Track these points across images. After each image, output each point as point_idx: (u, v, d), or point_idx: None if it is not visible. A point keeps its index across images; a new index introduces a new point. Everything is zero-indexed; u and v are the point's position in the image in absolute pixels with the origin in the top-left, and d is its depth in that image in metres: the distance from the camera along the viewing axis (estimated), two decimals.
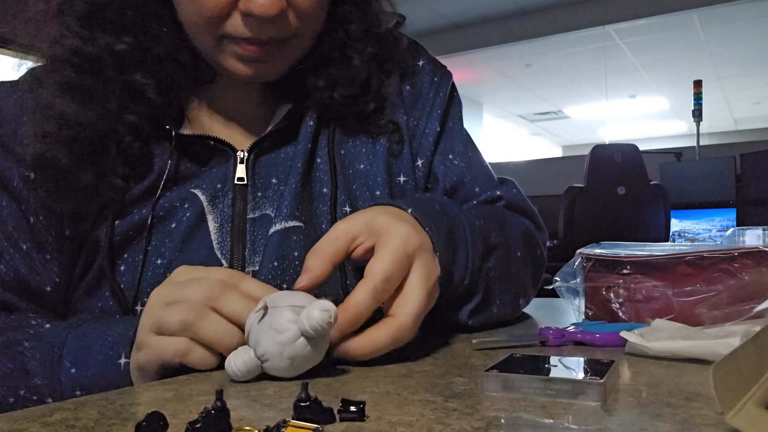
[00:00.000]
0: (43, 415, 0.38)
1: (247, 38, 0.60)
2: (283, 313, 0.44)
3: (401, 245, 0.50)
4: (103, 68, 0.62)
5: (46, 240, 0.63)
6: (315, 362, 0.45)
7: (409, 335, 0.49)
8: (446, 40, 6.79)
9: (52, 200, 0.61)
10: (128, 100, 0.63)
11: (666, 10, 5.95)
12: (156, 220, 0.63)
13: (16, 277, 0.61)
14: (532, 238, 0.74)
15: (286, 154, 0.69)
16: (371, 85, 0.71)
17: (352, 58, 0.69)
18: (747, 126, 11.00)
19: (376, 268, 0.49)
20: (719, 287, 0.58)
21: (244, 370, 0.44)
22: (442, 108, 0.77)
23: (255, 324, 0.45)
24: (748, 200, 4.05)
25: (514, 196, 0.79)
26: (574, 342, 0.57)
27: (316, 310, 0.42)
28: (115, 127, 0.62)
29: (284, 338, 0.43)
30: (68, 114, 0.60)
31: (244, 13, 0.58)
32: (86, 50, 0.61)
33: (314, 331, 0.43)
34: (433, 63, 0.80)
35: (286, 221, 0.64)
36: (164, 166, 0.65)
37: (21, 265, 0.62)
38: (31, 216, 0.63)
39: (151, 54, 0.64)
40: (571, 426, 0.33)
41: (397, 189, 0.72)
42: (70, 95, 0.61)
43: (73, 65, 0.61)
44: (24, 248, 0.62)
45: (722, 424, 0.33)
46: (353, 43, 0.69)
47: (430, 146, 0.76)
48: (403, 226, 0.52)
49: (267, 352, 0.43)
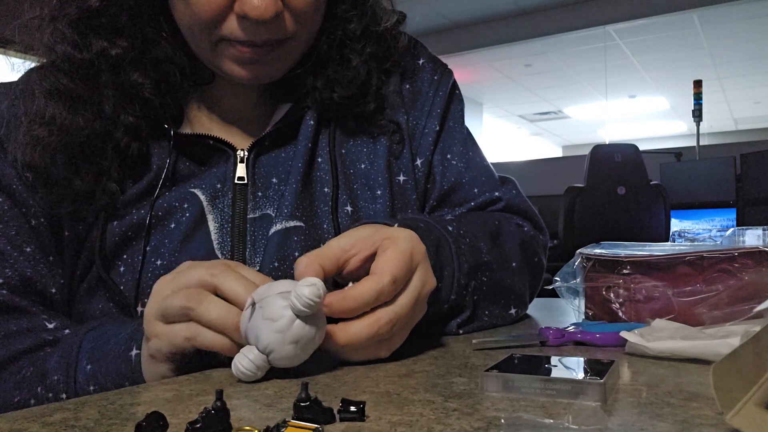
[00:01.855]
0: (43, 415, 0.38)
1: (243, 41, 0.59)
2: (273, 302, 0.44)
3: (409, 248, 0.50)
4: (97, 73, 0.62)
5: (48, 242, 0.63)
6: (318, 341, 0.45)
7: (386, 333, 0.48)
8: (446, 40, 6.78)
9: (46, 205, 0.62)
10: (124, 101, 0.63)
11: (666, 10, 5.94)
12: (155, 221, 0.63)
13: (22, 280, 0.61)
14: (531, 245, 0.73)
15: (287, 153, 0.69)
16: (371, 85, 0.71)
17: (351, 59, 0.69)
18: (747, 126, 10.99)
19: (385, 266, 0.48)
20: (719, 287, 0.58)
21: (253, 369, 0.44)
22: (441, 107, 0.77)
23: (248, 321, 0.45)
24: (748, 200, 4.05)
25: (514, 198, 0.78)
26: (574, 342, 0.57)
27: (304, 286, 0.43)
28: (110, 130, 0.62)
29: (281, 325, 0.43)
30: (59, 119, 0.60)
31: (240, 16, 0.58)
32: (78, 56, 0.61)
33: (307, 308, 0.43)
34: (434, 62, 0.80)
35: (286, 221, 0.64)
36: (163, 165, 0.65)
37: (26, 268, 0.61)
38: (33, 219, 0.63)
39: (148, 56, 0.64)
40: (571, 426, 0.33)
41: (397, 188, 0.72)
42: (61, 101, 0.61)
43: (65, 71, 0.61)
44: (28, 251, 0.62)
45: (722, 424, 0.33)
46: (352, 43, 0.69)
47: (430, 145, 0.75)
48: (406, 231, 0.52)
49: (269, 344, 0.43)
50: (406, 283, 0.49)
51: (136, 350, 0.52)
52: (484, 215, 0.73)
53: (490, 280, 0.64)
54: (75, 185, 0.61)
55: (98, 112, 0.62)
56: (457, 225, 0.65)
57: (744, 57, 7.29)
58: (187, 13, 0.59)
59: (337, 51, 0.69)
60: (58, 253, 0.64)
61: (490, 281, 0.64)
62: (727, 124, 10.91)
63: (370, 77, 0.71)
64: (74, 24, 0.61)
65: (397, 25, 0.74)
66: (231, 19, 0.59)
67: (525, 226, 0.75)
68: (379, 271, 0.48)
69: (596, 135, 11.34)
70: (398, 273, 0.48)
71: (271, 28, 0.59)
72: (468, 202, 0.76)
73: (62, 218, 0.63)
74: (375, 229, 0.52)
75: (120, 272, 0.62)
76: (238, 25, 0.59)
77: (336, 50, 0.69)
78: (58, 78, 0.61)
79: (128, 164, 0.64)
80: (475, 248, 0.64)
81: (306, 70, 0.69)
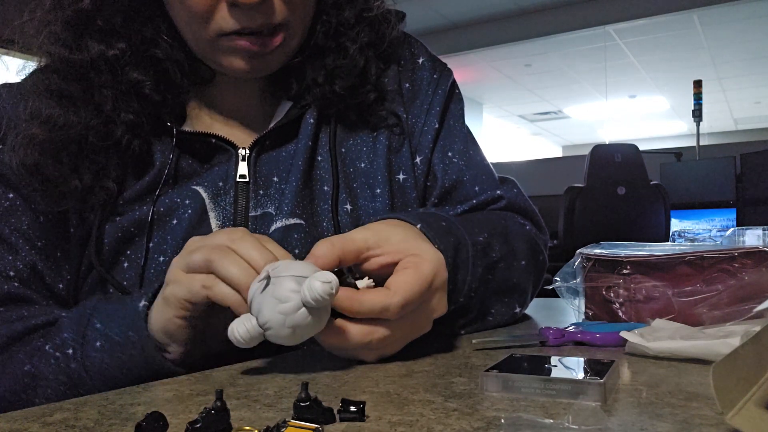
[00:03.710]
0: (43, 415, 0.38)
1: (239, 31, 0.60)
2: (285, 283, 0.44)
3: (431, 275, 0.50)
4: (95, 73, 0.62)
5: (56, 238, 0.64)
6: (316, 331, 0.46)
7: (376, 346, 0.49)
8: (446, 40, 6.79)
9: (45, 204, 0.62)
10: (124, 99, 0.63)
11: (666, 10, 5.95)
12: (157, 217, 0.64)
13: (33, 272, 0.62)
14: (536, 245, 0.73)
15: (287, 152, 0.69)
16: (370, 74, 0.71)
17: (347, 47, 0.69)
18: (747, 126, 11.00)
19: (401, 287, 0.48)
20: (719, 287, 0.58)
21: (247, 338, 0.45)
22: (441, 105, 0.77)
23: (258, 293, 0.45)
24: (748, 200, 4.05)
25: (515, 196, 0.78)
26: (574, 342, 0.57)
27: (318, 281, 0.43)
28: (110, 128, 0.63)
29: (286, 308, 0.44)
30: (54, 119, 0.61)
31: (230, 4, 0.59)
32: (74, 58, 0.62)
33: (315, 302, 0.43)
34: (433, 60, 0.80)
35: (287, 219, 0.65)
36: (165, 162, 0.65)
37: (38, 261, 0.63)
38: (41, 215, 0.64)
39: (147, 56, 0.64)
40: (571, 426, 0.33)
41: (397, 187, 0.72)
42: (58, 101, 0.62)
43: (61, 73, 0.62)
44: (39, 245, 0.63)
45: (722, 424, 0.33)
46: (346, 31, 0.70)
47: (429, 143, 0.76)
48: (435, 253, 0.52)
49: (269, 321, 0.44)
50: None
51: (145, 302, 0.53)
52: (490, 214, 0.73)
53: (499, 279, 0.64)
54: (73, 184, 0.61)
55: (96, 111, 0.62)
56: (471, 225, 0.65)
57: (744, 57, 7.30)
58: (182, 10, 0.61)
59: (333, 40, 0.70)
60: (65, 249, 0.65)
61: (499, 280, 0.64)
62: (727, 124, 10.91)
63: (369, 65, 0.71)
64: (69, 26, 0.62)
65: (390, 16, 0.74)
66: (222, 10, 0.60)
67: (527, 225, 0.75)
68: (394, 290, 0.48)
69: (596, 135, 11.34)
70: (411, 299, 0.48)
71: (262, 13, 0.60)
72: (469, 200, 0.76)
73: (69, 215, 0.64)
74: (404, 236, 0.52)
75: (123, 268, 0.63)
76: (230, 14, 0.60)
77: (332, 39, 0.70)
78: (55, 79, 0.62)
79: (130, 162, 0.65)
80: (488, 246, 0.64)
81: (304, 62, 0.70)
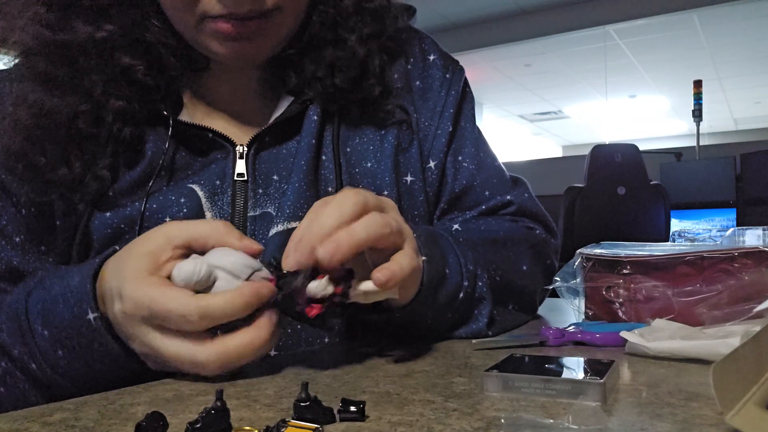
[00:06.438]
0: (43, 415, 0.38)
1: (225, 16, 0.57)
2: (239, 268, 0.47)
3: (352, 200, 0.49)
4: (84, 57, 0.60)
5: (39, 232, 0.62)
6: None
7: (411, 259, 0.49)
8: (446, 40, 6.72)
9: (33, 193, 0.60)
10: (115, 85, 0.61)
11: (666, 10, 5.95)
12: (149, 214, 0.61)
13: (9, 268, 0.60)
14: (543, 249, 0.71)
15: (288, 150, 0.67)
16: (372, 66, 0.68)
17: (346, 38, 0.66)
18: (747, 126, 10.99)
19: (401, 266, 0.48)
20: (719, 287, 0.58)
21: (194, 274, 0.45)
22: (454, 107, 0.75)
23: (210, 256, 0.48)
24: (748, 200, 4.05)
25: (526, 201, 0.76)
26: (574, 342, 0.57)
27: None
28: (101, 115, 0.60)
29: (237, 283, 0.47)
30: (40, 103, 0.58)
31: None
32: (60, 40, 0.59)
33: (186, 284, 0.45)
34: (444, 58, 0.78)
35: (288, 222, 0.62)
36: (159, 153, 0.63)
37: (14, 257, 0.61)
38: (23, 208, 0.62)
39: (138, 40, 0.62)
40: (571, 426, 0.33)
41: (404, 189, 0.70)
42: (44, 85, 0.59)
43: (47, 56, 0.60)
44: (17, 241, 0.61)
45: (722, 424, 0.33)
46: (345, 21, 0.67)
47: (443, 147, 0.74)
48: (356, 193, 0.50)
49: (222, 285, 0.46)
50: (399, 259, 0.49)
51: (93, 314, 0.48)
52: (487, 222, 0.72)
53: (503, 280, 0.64)
54: (60, 172, 0.59)
55: (85, 96, 0.60)
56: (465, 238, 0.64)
57: (744, 57, 7.29)
58: None
59: (331, 31, 0.67)
60: (49, 242, 0.62)
61: (503, 280, 0.64)
62: (727, 124, 10.91)
63: (370, 58, 0.68)
64: (54, 5, 0.59)
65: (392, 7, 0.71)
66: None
67: (537, 229, 0.74)
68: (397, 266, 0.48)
69: (596, 135, 11.33)
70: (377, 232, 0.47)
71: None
72: (479, 205, 0.74)
73: (53, 207, 0.62)
74: None
75: None
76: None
77: (330, 30, 0.67)
78: (40, 63, 0.60)
79: (121, 151, 0.62)
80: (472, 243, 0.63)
81: (301, 53, 0.67)
